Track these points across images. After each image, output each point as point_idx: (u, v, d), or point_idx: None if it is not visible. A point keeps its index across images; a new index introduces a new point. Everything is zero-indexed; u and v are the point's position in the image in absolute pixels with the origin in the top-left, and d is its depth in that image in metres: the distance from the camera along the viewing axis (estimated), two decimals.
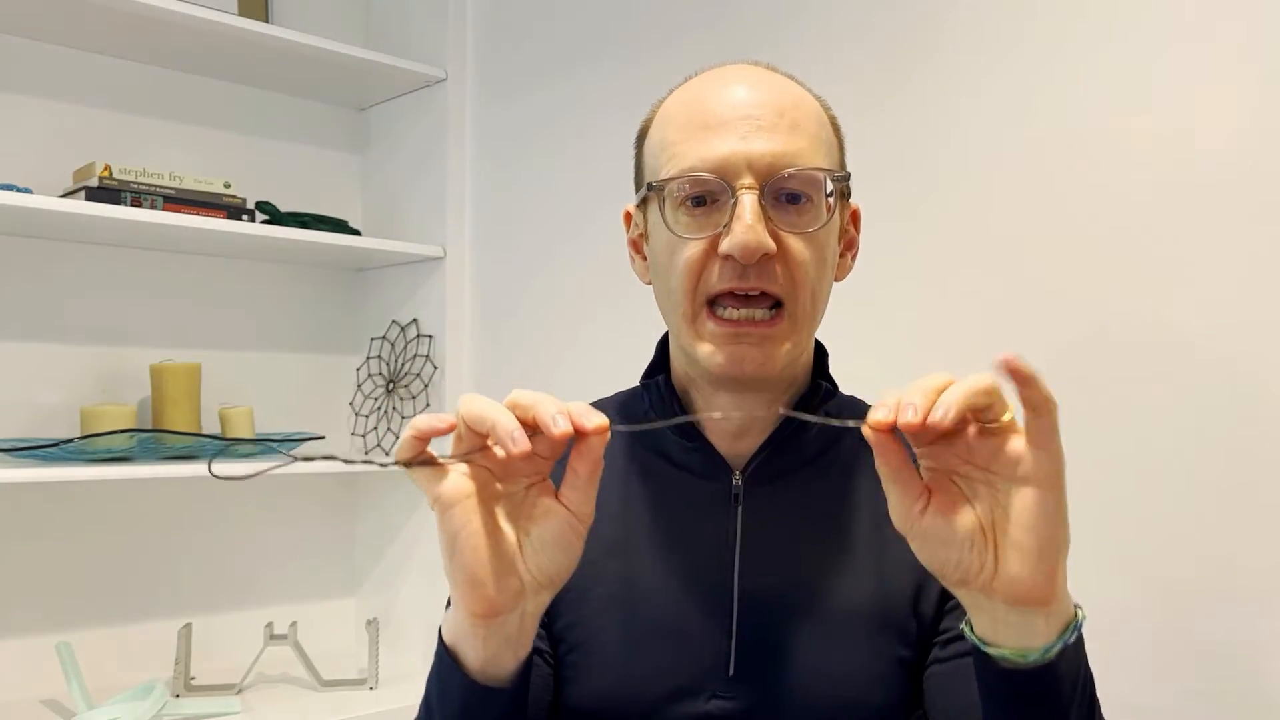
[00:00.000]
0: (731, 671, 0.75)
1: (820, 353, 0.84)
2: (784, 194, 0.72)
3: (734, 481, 0.78)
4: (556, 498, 0.61)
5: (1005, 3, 1.25)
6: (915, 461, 0.59)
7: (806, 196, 0.73)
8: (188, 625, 1.73)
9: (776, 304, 0.73)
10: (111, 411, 1.67)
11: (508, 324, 1.91)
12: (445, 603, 0.84)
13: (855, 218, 0.82)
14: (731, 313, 0.72)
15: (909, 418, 0.54)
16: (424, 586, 1.95)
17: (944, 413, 0.54)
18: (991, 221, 1.26)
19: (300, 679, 1.80)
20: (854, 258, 0.82)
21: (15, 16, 1.68)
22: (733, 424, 0.79)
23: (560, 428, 0.56)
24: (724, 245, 0.71)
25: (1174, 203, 1.12)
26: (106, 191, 1.64)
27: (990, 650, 0.61)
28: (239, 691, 1.73)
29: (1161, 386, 1.12)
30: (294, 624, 1.77)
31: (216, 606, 1.92)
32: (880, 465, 0.58)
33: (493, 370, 1.93)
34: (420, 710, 0.72)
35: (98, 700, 1.59)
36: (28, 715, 1.63)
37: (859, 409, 0.85)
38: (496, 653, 0.63)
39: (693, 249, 0.73)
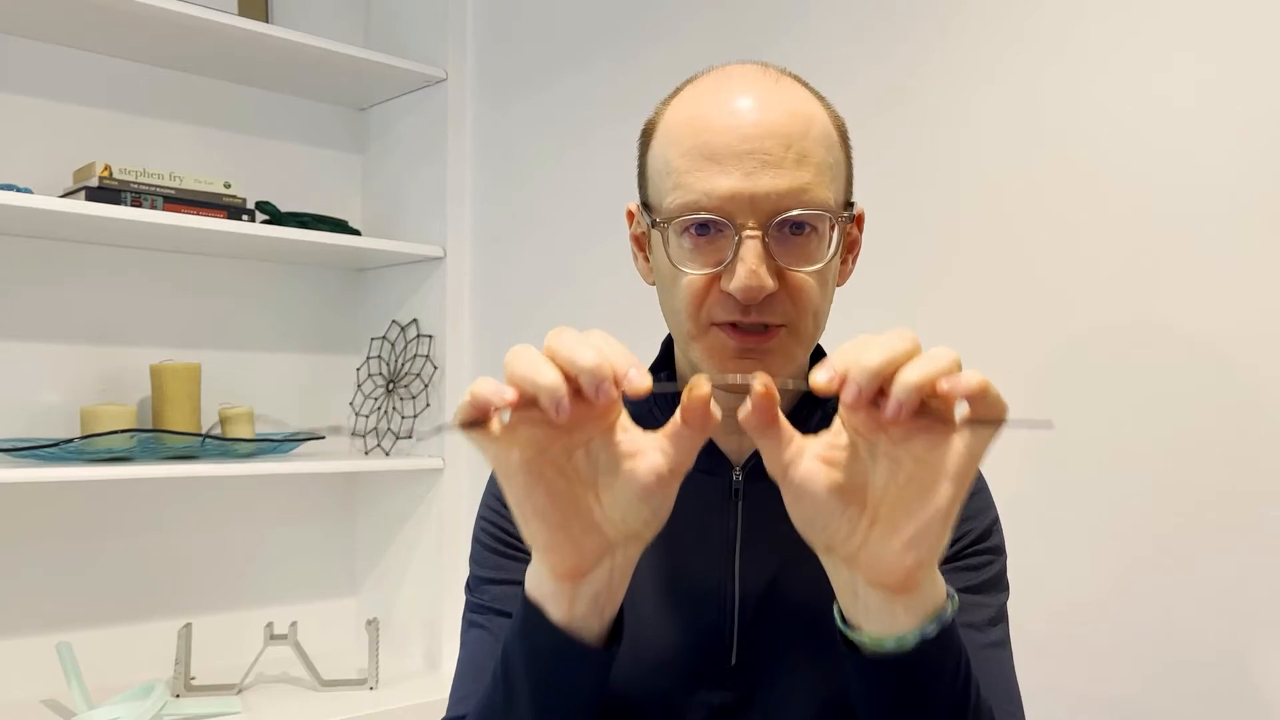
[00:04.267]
0: (734, 661, 0.76)
1: (819, 355, 0.84)
2: (789, 229, 0.72)
3: (734, 477, 0.79)
4: (640, 440, 0.59)
5: (1010, 4, 1.25)
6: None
7: (811, 227, 0.72)
8: (188, 625, 1.73)
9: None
10: (111, 411, 1.67)
11: (508, 324, 1.91)
12: (465, 585, 0.84)
13: (859, 219, 0.82)
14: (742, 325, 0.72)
15: (849, 397, 0.53)
16: (424, 586, 1.94)
17: (896, 411, 0.52)
18: (990, 219, 1.26)
19: (300, 679, 1.80)
20: (855, 259, 0.82)
21: (15, 16, 1.68)
22: (730, 423, 0.79)
23: (603, 399, 0.54)
24: (727, 285, 0.71)
25: (1174, 202, 1.12)
26: (106, 191, 1.64)
27: (850, 634, 0.61)
28: (239, 691, 1.73)
29: (1161, 385, 1.12)
30: (294, 624, 1.77)
31: (216, 606, 1.92)
32: (749, 421, 0.56)
33: (493, 370, 1.93)
34: (482, 687, 0.70)
35: (98, 700, 1.59)
36: (28, 715, 1.63)
37: None
38: (585, 611, 0.61)
39: (696, 278, 0.72)
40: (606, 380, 0.54)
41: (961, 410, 0.54)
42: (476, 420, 0.56)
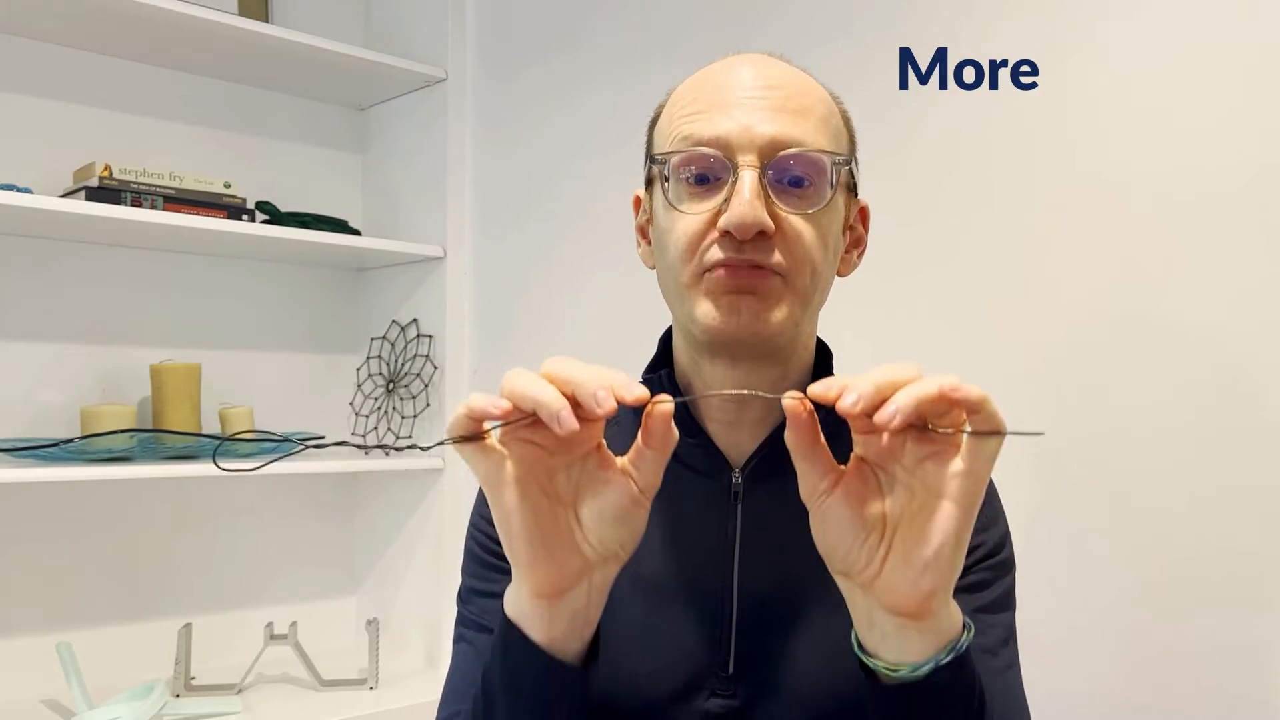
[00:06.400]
0: (731, 669, 0.74)
1: (824, 354, 0.82)
2: (787, 177, 0.71)
3: (734, 479, 0.77)
4: (617, 466, 0.60)
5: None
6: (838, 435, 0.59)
7: (810, 180, 0.72)
8: (188, 625, 1.73)
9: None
10: (111, 411, 1.67)
11: (508, 324, 1.91)
12: (457, 595, 0.84)
13: (864, 215, 0.81)
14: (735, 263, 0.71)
15: (846, 403, 0.54)
16: (424, 586, 1.95)
17: (891, 415, 0.53)
18: (995, 213, 1.26)
19: (300, 679, 1.80)
20: (860, 255, 0.81)
21: (15, 16, 1.68)
22: (729, 416, 0.78)
23: (604, 408, 0.55)
24: (722, 220, 0.70)
25: (1177, 197, 1.12)
26: (106, 191, 1.64)
27: (866, 660, 0.61)
28: (239, 691, 1.72)
29: (1161, 381, 1.12)
30: (294, 624, 1.77)
31: (216, 606, 1.92)
32: (790, 438, 0.58)
33: (493, 370, 1.93)
34: (458, 709, 0.71)
35: (98, 700, 1.59)
36: (28, 715, 1.63)
37: None
38: (564, 632, 0.62)
39: (692, 223, 0.72)
40: (604, 389, 0.55)
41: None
42: (472, 434, 0.57)
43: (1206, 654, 1.08)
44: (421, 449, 0.61)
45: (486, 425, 0.58)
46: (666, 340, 0.84)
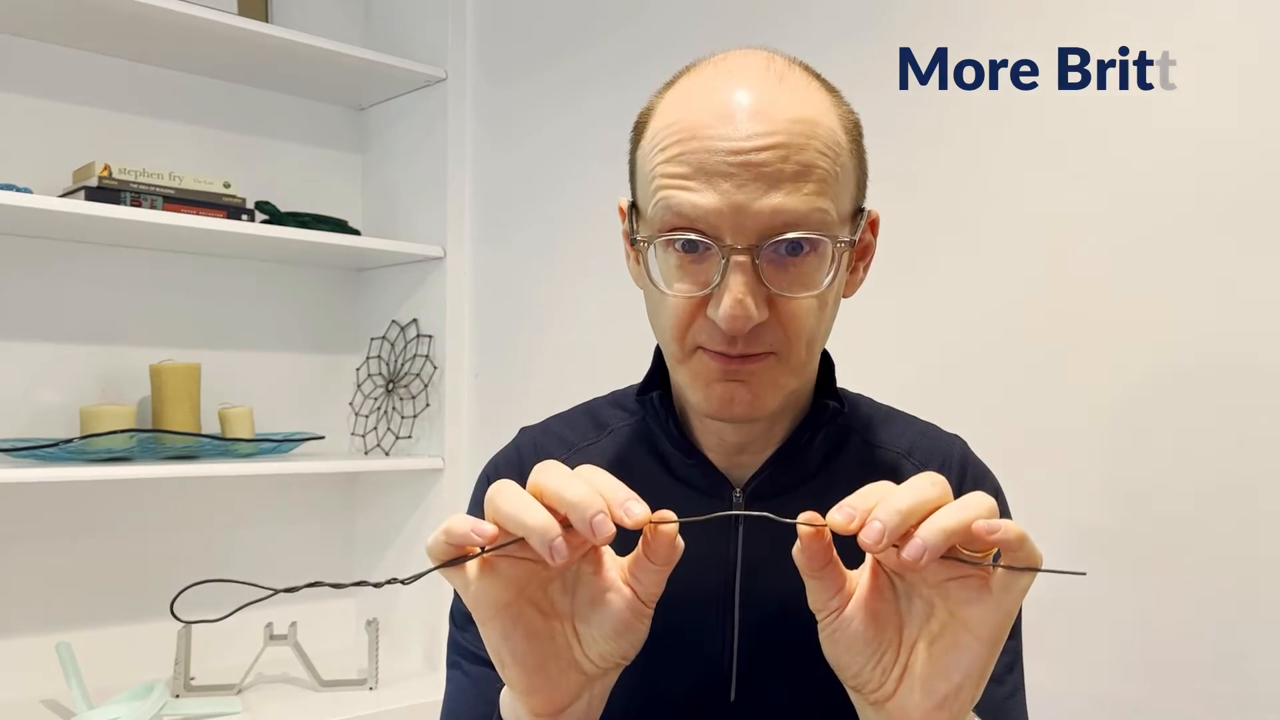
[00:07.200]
0: (733, 696, 0.72)
1: (826, 365, 0.78)
2: (784, 247, 0.65)
3: (735, 498, 0.75)
4: (614, 572, 0.56)
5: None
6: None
7: (810, 245, 0.65)
8: (188, 625, 1.73)
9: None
10: (111, 411, 1.67)
11: (508, 324, 1.91)
12: (449, 614, 0.82)
13: (874, 225, 0.75)
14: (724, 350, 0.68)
15: (870, 539, 0.50)
16: (424, 586, 1.93)
17: (919, 554, 0.49)
18: (998, 215, 1.26)
19: (300, 679, 1.80)
20: (867, 267, 0.76)
21: (15, 16, 1.68)
22: (729, 441, 0.76)
23: (601, 536, 0.51)
24: (712, 313, 0.65)
25: (1175, 198, 1.12)
26: (106, 191, 1.64)
27: None
28: (239, 691, 1.72)
29: (1162, 382, 1.12)
30: (294, 624, 1.77)
31: (216, 607, 1.92)
32: (800, 559, 0.54)
33: (493, 370, 1.93)
34: None
35: (98, 700, 1.59)
36: (28, 715, 1.63)
37: (872, 413, 0.82)
38: None
39: (681, 305, 0.67)
40: (601, 513, 0.51)
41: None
42: (454, 559, 0.54)
43: (1207, 654, 1.08)
44: (402, 582, 0.56)
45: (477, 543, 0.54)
46: (661, 354, 0.80)
